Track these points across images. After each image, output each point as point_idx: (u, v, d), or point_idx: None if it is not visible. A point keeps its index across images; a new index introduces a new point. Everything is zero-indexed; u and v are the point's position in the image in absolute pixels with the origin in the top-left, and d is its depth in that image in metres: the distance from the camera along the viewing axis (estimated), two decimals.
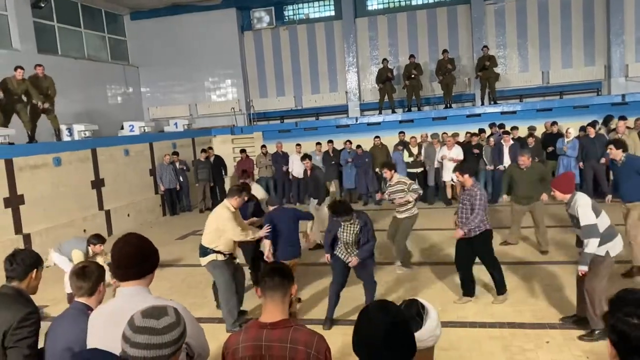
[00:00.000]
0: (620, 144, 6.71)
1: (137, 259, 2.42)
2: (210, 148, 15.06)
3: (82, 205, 11.13)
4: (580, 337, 5.08)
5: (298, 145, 14.09)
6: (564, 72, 16.35)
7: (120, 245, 2.44)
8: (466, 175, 6.15)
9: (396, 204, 7.63)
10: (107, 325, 2.32)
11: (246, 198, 6.40)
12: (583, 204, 4.92)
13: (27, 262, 3.06)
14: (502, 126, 13.33)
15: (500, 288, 6.27)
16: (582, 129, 12.15)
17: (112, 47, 17.65)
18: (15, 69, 10.19)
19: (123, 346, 1.79)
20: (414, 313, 1.91)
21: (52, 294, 7.50)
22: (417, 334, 1.85)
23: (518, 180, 8.10)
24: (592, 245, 4.84)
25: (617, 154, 6.57)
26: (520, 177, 8.06)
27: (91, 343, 2.38)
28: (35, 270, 3.09)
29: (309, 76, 18.18)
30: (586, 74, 16.17)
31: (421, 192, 7.88)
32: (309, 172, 9.98)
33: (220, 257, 5.93)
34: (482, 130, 13.29)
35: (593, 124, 11.89)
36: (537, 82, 16.54)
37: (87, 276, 2.90)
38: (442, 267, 7.72)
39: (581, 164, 11.41)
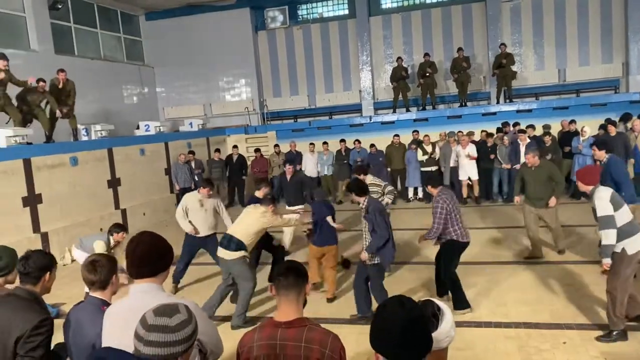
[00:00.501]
0: (604, 145, 6.77)
1: (151, 257, 2.44)
2: (235, 147, 15.00)
3: (99, 204, 11.25)
4: (598, 338, 5.01)
5: (311, 144, 14.12)
6: (581, 70, 16.15)
7: (134, 244, 2.46)
8: (429, 186, 6.20)
9: None
10: (120, 323, 2.34)
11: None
12: (601, 196, 4.88)
13: (40, 264, 3.02)
14: (516, 124, 13.21)
15: (456, 303, 5.93)
16: (603, 127, 11.99)
17: (127, 48, 17.81)
18: (38, 82, 10.30)
19: (136, 345, 1.80)
20: (430, 314, 1.91)
21: (69, 292, 7.61)
22: (433, 335, 1.84)
23: (528, 180, 7.80)
24: (609, 237, 4.75)
25: (600, 155, 6.66)
26: (530, 177, 7.78)
27: (106, 341, 2.40)
28: (48, 272, 3.05)
29: (323, 75, 18.18)
30: (604, 72, 15.96)
31: (396, 192, 7.92)
32: (288, 177, 9.60)
33: (247, 254, 6.13)
34: (499, 130, 13.18)
35: (611, 122, 11.73)
36: (553, 80, 16.36)
37: (98, 270, 2.87)
38: (459, 267, 7.67)
39: (598, 162, 11.23)
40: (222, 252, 6.09)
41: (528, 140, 11.70)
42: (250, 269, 6.25)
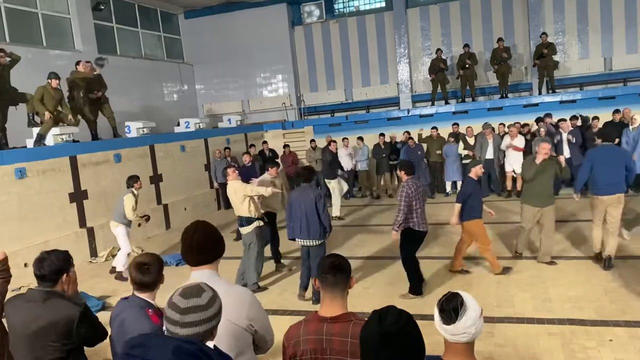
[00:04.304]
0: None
1: (208, 244, 2.56)
2: (265, 142, 15.15)
3: (142, 200, 11.34)
4: None
5: (345, 139, 13.96)
6: (628, 58, 15.50)
7: (191, 233, 2.57)
8: (403, 172, 6.44)
9: None
10: None
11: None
12: None
13: (54, 268, 3.01)
14: (548, 116, 12.85)
15: (411, 288, 6.49)
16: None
17: (167, 46, 18.16)
18: (78, 63, 10.74)
19: (172, 329, 1.86)
20: (451, 308, 1.91)
21: (113, 285, 7.87)
22: (449, 327, 1.89)
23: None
24: None
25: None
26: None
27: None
28: (65, 274, 3.03)
29: (360, 69, 18.09)
30: None
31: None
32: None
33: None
34: (539, 120, 12.79)
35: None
36: (598, 69, 15.77)
37: (146, 273, 2.90)
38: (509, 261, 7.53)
39: None
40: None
41: (571, 128, 11.38)
42: (259, 239, 7.21)
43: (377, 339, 1.66)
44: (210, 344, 1.93)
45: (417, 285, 6.50)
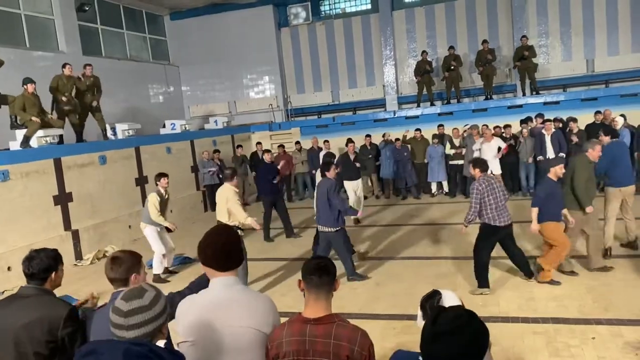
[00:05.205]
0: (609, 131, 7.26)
1: (234, 250, 2.50)
2: (259, 143, 14.99)
3: (127, 202, 11.44)
4: None
5: (326, 141, 13.95)
6: (610, 60, 15.76)
7: (217, 236, 2.50)
8: (477, 169, 6.42)
9: None
10: (204, 314, 2.37)
11: None
12: None
13: (43, 266, 2.96)
14: (539, 116, 13.00)
15: (479, 280, 6.45)
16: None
17: (152, 47, 18.07)
18: (64, 66, 10.61)
19: (118, 333, 1.87)
20: (428, 305, 1.93)
21: (99, 289, 7.77)
22: (418, 325, 1.91)
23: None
24: None
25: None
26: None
27: (184, 331, 2.42)
28: (54, 272, 3.02)
29: (346, 71, 18.15)
30: (634, 61, 15.49)
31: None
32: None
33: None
34: (525, 121, 12.90)
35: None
36: (581, 71, 16.00)
37: (114, 268, 2.85)
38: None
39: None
40: None
41: (553, 130, 11.52)
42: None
43: (430, 338, 1.66)
44: (161, 342, 1.94)
45: (482, 279, 6.41)
